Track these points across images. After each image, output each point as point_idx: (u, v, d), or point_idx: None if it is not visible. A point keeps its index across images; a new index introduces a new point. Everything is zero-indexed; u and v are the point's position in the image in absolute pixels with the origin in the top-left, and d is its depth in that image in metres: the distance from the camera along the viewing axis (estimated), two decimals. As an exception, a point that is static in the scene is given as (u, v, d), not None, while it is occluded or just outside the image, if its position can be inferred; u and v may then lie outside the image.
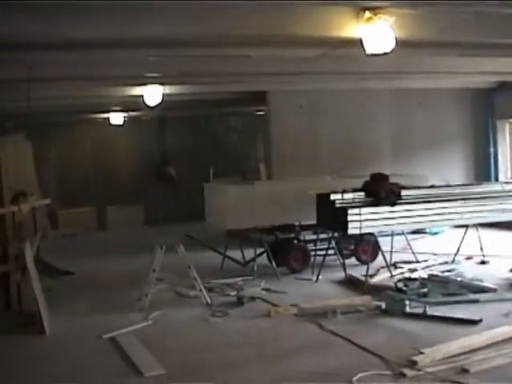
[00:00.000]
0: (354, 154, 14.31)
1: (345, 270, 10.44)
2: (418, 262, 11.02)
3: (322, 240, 11.14)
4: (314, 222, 10.65)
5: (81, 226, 17.69)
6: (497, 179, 15.39)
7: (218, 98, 14.43)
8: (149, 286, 8.81)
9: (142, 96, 12.00)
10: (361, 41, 6.44)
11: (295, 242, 11.11)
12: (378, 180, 9.72)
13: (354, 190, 9.78)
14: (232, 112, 19.69)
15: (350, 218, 9.03)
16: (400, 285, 8.83)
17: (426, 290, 8.62)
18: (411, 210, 9.42)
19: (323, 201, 9.68)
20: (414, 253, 11.34)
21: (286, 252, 10.95)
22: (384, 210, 9.26)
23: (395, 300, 8.15)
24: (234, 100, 15.04)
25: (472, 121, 15.55)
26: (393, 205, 9.29)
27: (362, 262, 11.24)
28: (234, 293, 9.66)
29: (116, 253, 14.17)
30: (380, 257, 11.31)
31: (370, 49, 6.46)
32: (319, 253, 11.05)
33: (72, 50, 7.10)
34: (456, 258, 11.09)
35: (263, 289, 9.84)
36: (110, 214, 18.93)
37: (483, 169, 15.65)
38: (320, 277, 10.40)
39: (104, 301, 9.71)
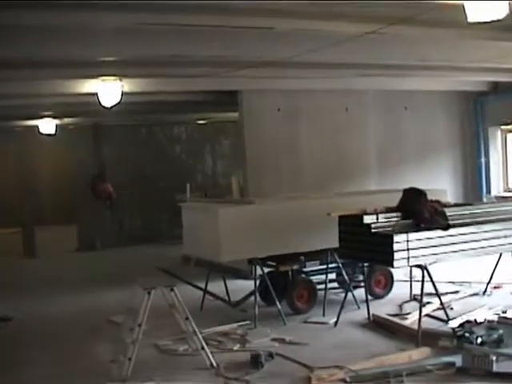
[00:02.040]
0: (338, 165, 12.27)
1: (368, 308, 8.31)
2: (442, 294, 9.01)
3: (321, 270, 9.05)
4: (320, 247, 8.57)
5: (4, 252, 14.90)
6: (489, 192, 13.72)
7: (178, 99, 12.05)
8: (133, 346, 6.37)
9: (96, 94, 9.56)
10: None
11: (299, 275, 8.93)
12: (417, 197, 7.66)
13: (388, 210, 7.66)
14: (175, 121, 17.39)
15: (396, 246, 6.89)
16: (460, 330, 6.77)
17: (498, 336, 6.60)
18: (464, 234, 7.38)
19: (351, 225, 7.52)
20: (433, 282, 9.32)
21: (287, 288, 8.75)
22: (434, 235, 7.18)
23: (476, 355, 6.08)
24: (197, 102, 12.72)
25: (461, 127, 13.81)
26: (446, 228, 7.23)
27: (375, 296, 9.21)
28: (236, 346, 7.38)
29: (56, 288, 11.63)
30: (395, 289, 9.45)
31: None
32: (321, 286, 8.96)
33: None
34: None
35: (274, 339, 7.58)
36: (39, 236, 16.18)
37: (472, 181, 13.93)
38: (335, 318, 8.26)
39: (63, 363, 7.23)
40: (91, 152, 16.70)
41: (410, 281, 9.22)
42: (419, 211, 7.46)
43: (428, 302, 8.75)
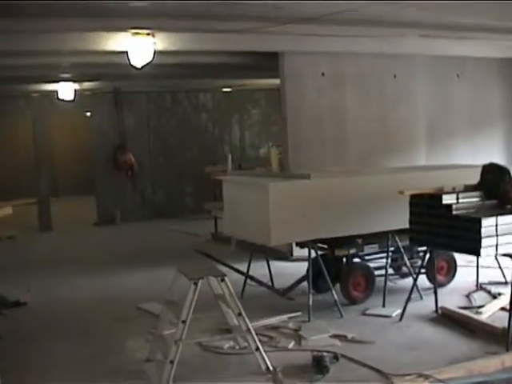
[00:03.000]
0: (385, 137, 11.15)
1: (436, 300, 7.26)
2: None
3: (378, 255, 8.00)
4: (379, 229, 7.51)
5: (19, 226, 13.92)
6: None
7: (212, 61, 10.92)
8: (176, 347, 5.33)
9: (124, 52, 8.46)
10: None
11: (356, 260, 7.88)
12: (500, 175, 6.56)
13: (467, 189, 6.57)
14: (202, 88, 16.26)
15: (484, 232, 5.82)
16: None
17: None
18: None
19: (426, 205, 6.44)
20: (501, 268, 8.29)
21: (342, 275, 7.71)
22: (522, 218, 6.10)
23: None
24: (233, 65, 11.58)
25: (517, 98, 12.63)
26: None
27: (437, 285, 8.13)
28: (291, 344, 6.37)
29: (73, 267, 10.65)
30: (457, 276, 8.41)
31: None
32: (378, 273, 7.92)
33: None
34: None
35: (334, 336, 6.55)
36: (56, 208, 15.20)
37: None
38: (398, 311, 7.22)
39: (88, 362, 6.22)
40: (112, 120, 15.63)
41: (477, 267, 8.19)
42: (505, 191, 6.38)
43: (499, 293, 7.73)
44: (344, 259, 7.85)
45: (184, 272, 5.61)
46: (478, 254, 6.00)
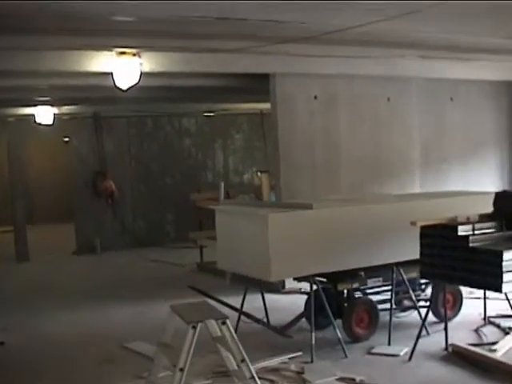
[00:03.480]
0: (378, 162, 10.73)
1: (446, 336, 6.77)
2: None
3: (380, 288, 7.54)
4: (384, 261, 7.05)
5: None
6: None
7: (199, 84, 10.46)
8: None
9: (111, 74, 7.95)
10: None
11: (358, 295, 7.39)
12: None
13: (482, 218, 6.12)
14: (184, 112, 15.79)
15: (505, 265, 5.36)
16: None
17: None
18: None
19: (439, 236, 5.98)
20: (509, 301, 7.83)
21: (344, 310, 7.21)
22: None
23: None
24: (220, 88, 11.13)
25: (510, 122, 12.31)
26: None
27: (442, 319, 7.67)
28: (295, 388, 5.85)
29: (53, 300, 10.07)
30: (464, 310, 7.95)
31: None
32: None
33: None
34: None
35: (340, 379, 6.03)
36: (32, 237, 14.55)
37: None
38: (406, 349, 6.74)
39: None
40: (91, 145, 15.07)
41: (484, 300, 7.75)
42: (523, 220, 5.94)
43: (510, 328, 7.28)
44: (345, 293, 7.36)
45: (180, 313, 5.07)
46: (499, 290, 5.53)
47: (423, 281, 7.77)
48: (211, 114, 16.29)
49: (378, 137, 10.75)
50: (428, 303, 7.62)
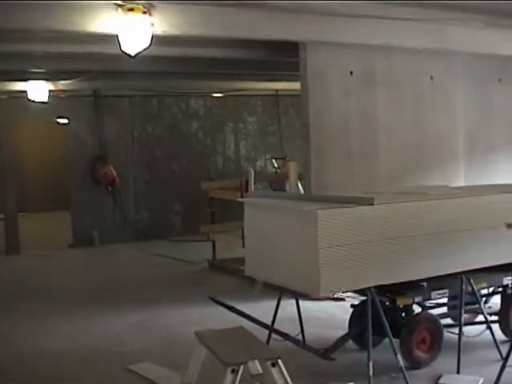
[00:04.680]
0: (420, 148, 9.35)
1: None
2: None
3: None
4: (452, 270, 5.69)
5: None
6: None
7: (215, 55, 9.06)
8: None
9: (116, 37, 6.53)
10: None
11: (420, 312, 6.04)
12: None
13: None
14: (193, 91, 14.38)
15: None
16: None
17: None
18: None
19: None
20: None
21: (404, 329, 5.83)
22: None
23: None
24: (240, 61, 9.75)
25: None
26: None
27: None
28: None
29: (47, 302, 8.69)
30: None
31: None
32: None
33: None
34: None
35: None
36: (24, 226, 13.18)
37: None
38: (481, 379, 5.39)
39: None
40: (91, 127, 13.68)
41: None
42: None
43: None
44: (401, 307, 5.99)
45: (211, 346, 3.69)
46: None
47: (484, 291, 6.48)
48: (221, 95, 14.87)
49: (420, 121, 9.36)
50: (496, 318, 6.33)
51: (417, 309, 6.25)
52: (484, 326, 6.20)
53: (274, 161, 14.59)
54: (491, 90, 10.18)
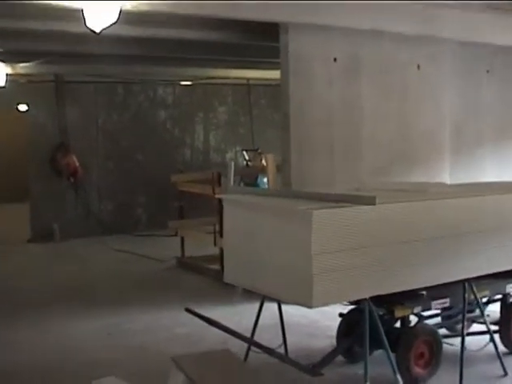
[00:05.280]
0: (406, 143, 8.83)
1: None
2: None
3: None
4: (454, 278, 5.12)
5: None
6: None
7: (189, 36, 8.35)
8: None
9: (81, 11, 5.82)
10: None
11: (417, 323, 5.46)
12: None
13: None
14: (161, 78, 13.66)
15: None
16: None
17: None
18: None
19: None
20: None
21: (401, 343, 5.23)
22: None
23: None
24: (213, 44, 9.10)
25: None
26: None
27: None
28: None
29: (2, 305, 7.92)
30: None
31: None
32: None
33: None
34: None
35: None
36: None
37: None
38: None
39: None
40: (52, 114, 12.86)
41: None
42: None
43: None
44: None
45: (192, 378, 3.03)
46: None
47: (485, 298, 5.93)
48: (190, 83, 14.16)
49: (405, 113, 8.82)
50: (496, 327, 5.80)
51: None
52: (484, 337, 5.69)
53: (244, 153, 13.97)
54: (479, 82, 9.68)
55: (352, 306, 5.52)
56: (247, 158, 13.77)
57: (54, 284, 9.20)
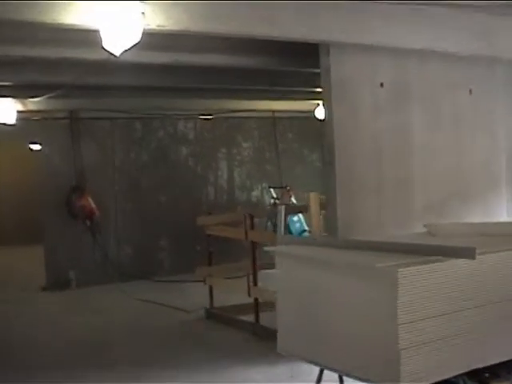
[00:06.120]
0: (460, 176, 7.85)
1: None
2: None
3: None
4: None
5: None
6: None
7: (220, 62, 7.52)
8: None
9: (98, 32, 4.97)
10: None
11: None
12: None
13: None
14: (180, 114, 12.87)
15: None
16: None
17: None
18: None
19: None
20: None
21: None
22: None
23: None
24: (238, 71, 8.26)
25: None
26: None
27: None
28: None
29: (10, 370, 7.00)
30: None
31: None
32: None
33: None
34: None
35: None
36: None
37: None
38: None
39: None
40: (66, 153, 12.04)
41: None
42: None
43: None
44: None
45: None
46: None
47: None
48: (210, 117, 13.32)
49: (459, 142, 7.86)
50: None
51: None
52: None
53: (272, 190, 13.11)
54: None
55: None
56: (275, 195, 12.94)
57: (68, 340, 8.29)
